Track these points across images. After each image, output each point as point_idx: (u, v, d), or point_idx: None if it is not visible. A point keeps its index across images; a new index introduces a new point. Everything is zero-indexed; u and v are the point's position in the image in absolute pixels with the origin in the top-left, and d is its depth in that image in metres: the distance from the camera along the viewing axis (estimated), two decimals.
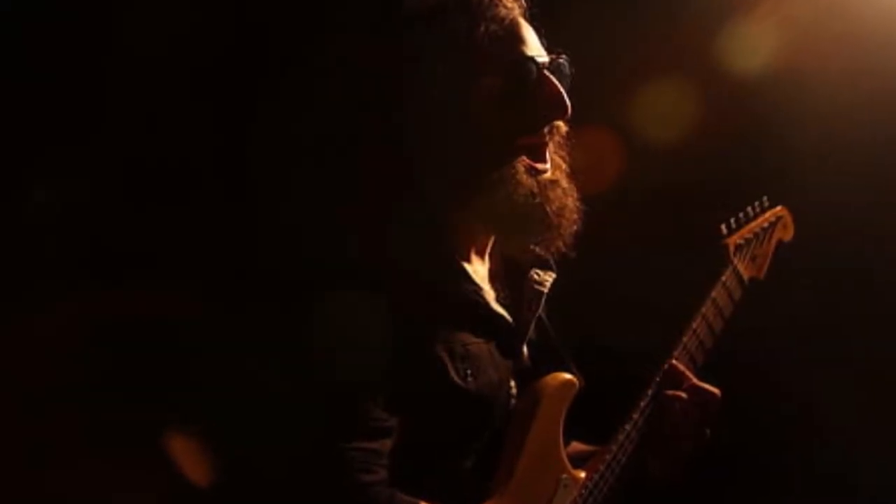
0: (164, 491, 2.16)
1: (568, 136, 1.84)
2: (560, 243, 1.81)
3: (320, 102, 2.24)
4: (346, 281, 1.63)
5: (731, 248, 2.20)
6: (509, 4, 1.76)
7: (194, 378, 2.19)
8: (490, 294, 1.84)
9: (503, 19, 1.73)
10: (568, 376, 1.84)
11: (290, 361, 1.62)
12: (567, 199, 1.79)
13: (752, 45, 2.92)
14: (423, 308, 1.67)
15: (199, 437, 2.11)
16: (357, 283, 1.62)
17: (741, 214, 2.27)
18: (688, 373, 1.98)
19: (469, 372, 1.69)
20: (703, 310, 2.08)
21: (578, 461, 1.89)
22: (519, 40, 1.75)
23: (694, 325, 2.05)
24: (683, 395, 1.93)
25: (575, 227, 1.80)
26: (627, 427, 1.91)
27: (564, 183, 1.80)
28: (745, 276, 2.22)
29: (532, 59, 1.73)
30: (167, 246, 2.28)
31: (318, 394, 1.59)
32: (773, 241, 2.35)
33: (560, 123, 1.81)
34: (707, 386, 1.96)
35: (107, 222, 2.25)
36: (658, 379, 1.97)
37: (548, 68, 1.75)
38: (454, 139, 1.70)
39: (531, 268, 1.89)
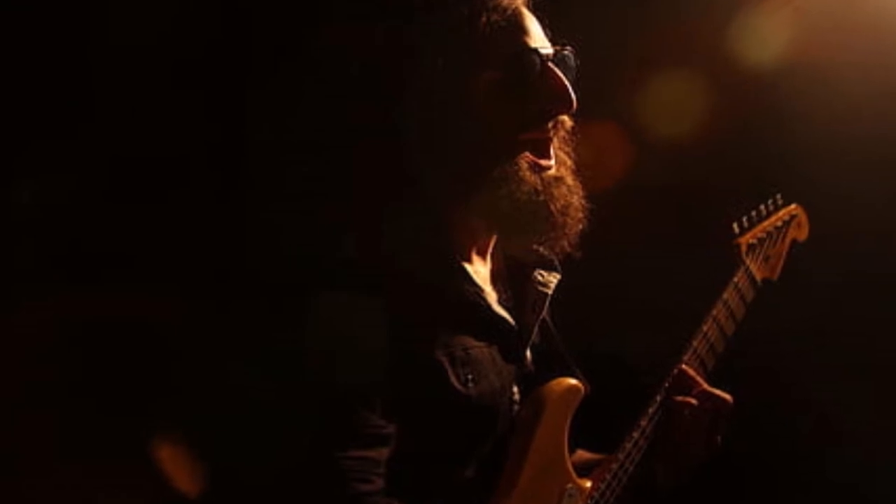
0: (147, 501, 2.10)
1: (573, 131, 1.77)
2: (565, 243, 1.74)
3: (315, 96, 2.18)
4: (342, 281, 1.57)
5: (744, 248, 2.14)
6: None
7: (180, 383, 2.13)
8: (492, 296, 1.77)
9: (505, 9, 1.67)
10: (573, 382, 1.79)
11: (282, 365, 1.56)
12: (572, 197, 1.72)
13: (764, 38, 2.86)
14: (422, 310, 1.61)
15: (186, 445, 2.06)
16: (353, 283, 1.56)
17: (753, 213, 2.21)
18: (698, 378, 1.92)
19: (470, 377, 1.63)
20: (714, 312, 2.02)
21: (584, 470, 1.84)
22: (522, 31, 1.68)
23: (704, 329, 1.99)
24: (693, 401, 1.88)
25: (580, 227, 1.74)
26: (635, 434, 1.85)
27: (569, 180, 1.74)
28: (758, 277, 2.16)
29: (535, 50, 1.66)
30: (151, 245, 2.22)
31: (311, 399, 1.53)
32: (787, 241, 2.29)
33: (565, 118, 1.74)
34: (718, 391, 1.90)
35: (86, 221, 2.19)
36: (667, 384, 1.91)
37: (552, 60, 1.68)
38: (455, 134, 1.64)
39: (535, 269, 1.83)
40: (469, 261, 1.77)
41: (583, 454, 1.92)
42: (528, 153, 1.68)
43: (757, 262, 2.16)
